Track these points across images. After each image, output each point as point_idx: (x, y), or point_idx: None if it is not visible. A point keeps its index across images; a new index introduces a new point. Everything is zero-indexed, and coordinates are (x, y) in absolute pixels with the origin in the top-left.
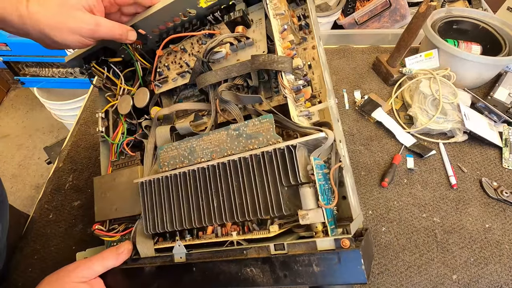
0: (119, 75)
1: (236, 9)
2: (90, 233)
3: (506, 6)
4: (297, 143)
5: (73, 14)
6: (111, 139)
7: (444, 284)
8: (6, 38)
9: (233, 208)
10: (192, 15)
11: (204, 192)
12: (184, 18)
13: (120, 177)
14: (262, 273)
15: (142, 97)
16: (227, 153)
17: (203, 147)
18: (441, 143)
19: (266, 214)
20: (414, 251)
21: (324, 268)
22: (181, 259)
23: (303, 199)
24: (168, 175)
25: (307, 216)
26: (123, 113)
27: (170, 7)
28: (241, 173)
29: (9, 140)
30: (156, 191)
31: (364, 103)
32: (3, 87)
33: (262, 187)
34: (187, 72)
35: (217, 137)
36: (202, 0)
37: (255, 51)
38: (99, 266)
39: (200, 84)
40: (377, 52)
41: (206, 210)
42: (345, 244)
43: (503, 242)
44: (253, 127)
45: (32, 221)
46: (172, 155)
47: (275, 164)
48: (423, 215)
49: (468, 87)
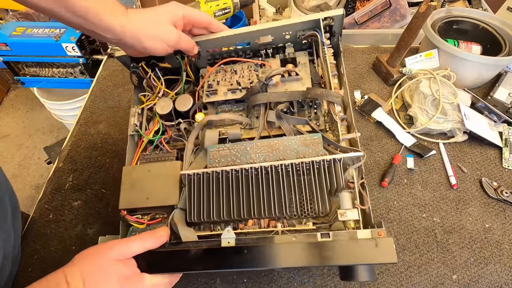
0: (159, 78)
1: (287, 51)
2: (90, 233)
3: (506, 6)
4: (342, 157)
5: (165, 28)
6: (144, 134)
7: (444, 284)
8: (6, 38)
9: (282, 204)
10: (247, 47)
11: (256, 189)
12: (239, 47)
13: (157, 169)
14: (311, 255)
15: (185, 102)
16: (279, 158)
17: (256, 151)
18: (441, 143)
19: (312, 212)
20: (414, 251)
21: (364, 252)
22: (229, 243)
23: (342, 201)
24: (219, 170)
25: (345, 214)
26: (161, 113)
27: (233, 38)
28: (292, 176)
29: (9, 140)
30: (205, 183)
31: (364, 103)
32: (3, 87)
33: (310, 189)
34: (237, 90)
35: (271, 144)
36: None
37: (300, 85)
38: (138, 246)
39: (252, 102)
40: (377, 52)
41: (256, 205)
42: (381, 234)
43: (503, 242)
44: (304, 141)
45: (32, 221)
46: (223, 154)
47: (323, 171)
48: (423, 215)
49: (468, 87)
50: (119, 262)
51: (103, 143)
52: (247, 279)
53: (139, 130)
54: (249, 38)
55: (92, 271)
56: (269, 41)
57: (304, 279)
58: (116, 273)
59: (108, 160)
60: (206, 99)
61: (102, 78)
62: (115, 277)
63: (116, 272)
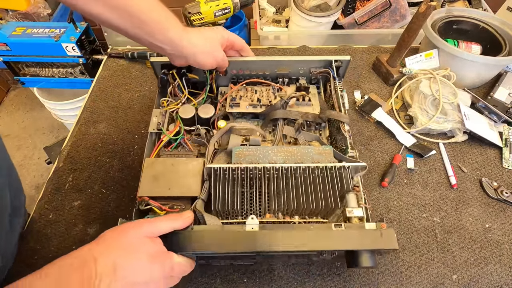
0: (185, 88)
1: (300, 81)
2: (90, 233)
3: (506, 6)
4: (350, 165)
5: (216, 47)
6: (166, 133)
7: (444, 284)
8: (6, 38)
9: (300, 200)
10: (267, 74)
11: (276, 185)
12: (260, 73)
13: (181, 163)
14: (328, 239)
15: (207, 110)
16: (297, 161)
17: (276, 154)
18: (441, 143)
19: (326, 207)
20: (414, 251)
21: (372, 239)
22: (253, 229)
23: (349, 200)
24: (243, 167)
25: (352, 211)
26: (184, 117)
27: (259, 63)
28: (309, 176)
29: (9, 140)
30: (230, 177)
31: (364, 103)
32: (3, 87)
33: (324, 188)
34: (258, 105)
35: (289, 150)
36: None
37: (311, 109)
38: (166, 225)
39: (272, 115)
40: (377, 52)
41: (277, 199)
42: (384, 226)
43: (503, 242)
44: (318, 151)
45: (32, 221)
46: (247, 154)
47: (334, 175)
48: (423, 215)
49: (468, 87)
50: (148, 240)
51: (103, 143)
52: (247, 279)
53: (162, 128)
54: (271, 66)
55: (121, 248)
56: (286, 72)
57: (304, 279)
58: (145, 250)
59: (108, 160)
60: (229, 109)
61: (102, 78)
62: (145, 254)
63: (145, 249)
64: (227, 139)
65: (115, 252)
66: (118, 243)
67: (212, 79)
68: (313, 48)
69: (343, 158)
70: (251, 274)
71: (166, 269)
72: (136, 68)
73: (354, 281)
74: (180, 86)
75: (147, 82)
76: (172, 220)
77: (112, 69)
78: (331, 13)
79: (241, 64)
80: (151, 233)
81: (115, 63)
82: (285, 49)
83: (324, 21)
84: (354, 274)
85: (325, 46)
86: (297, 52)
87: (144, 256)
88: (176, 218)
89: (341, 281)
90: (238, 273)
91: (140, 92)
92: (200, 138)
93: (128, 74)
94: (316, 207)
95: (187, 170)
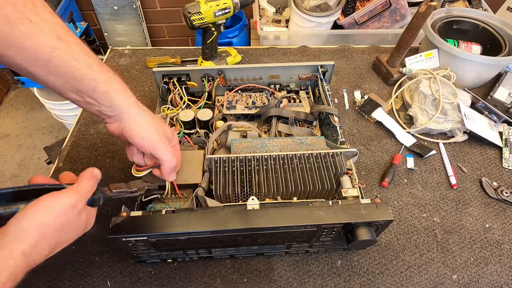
0: (184, 94)
1: (291, 86)
2: (90, 233)
3: (506, 6)
4: (342, 151)
5: (160, 134)
6: None
7: (444, 284)
8: None
9: (298, 183)
10: (260, 80)
11: (274, 171)
12: (253, 80)
13: (183, 155)
14: (327, 214)
15: (206, 114)
16: (292, 150)
17: (273, 144)
18: (441, 143)
19: (323, 188)
20: (414, 251)
21: (368, 212)
22: (254, 209)
23: (343, 182)
24: (242, 157)
25: (348, 191)
26: (184, 120)
27: (255, 70)
28: (305, 163)
29: (9, 140)
30: (230, 165)
31: (364, 103)
32: (3, 87)
33: (319, 172)
34: (252, 107)
35: (285, 141)
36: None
37: (302, 109)
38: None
39: (267, 113)
40: (377, 52)
41: (276, 183)
42: (378, 201)
43: (503, 242)
44: (311, 140)
45: None
46: (245, 146)
47: (328, 161)
48: (423, 215)
49: (468, 87)
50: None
51: (103, 143)
52: (247, 279)
53: None
54: (263, 72)
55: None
56: (277, 79)
57: (304, 279)
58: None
59: (108, 160)
60: (226, 111)
61: None
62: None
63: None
64: (225, 137)
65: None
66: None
67: (210, 86)
68: (313, 48)
69: (335, 146)
70: (251, 274)
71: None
72: (136, 68)
73: (354, 281)
74: (181, 94)
75: (147, 82)
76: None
77: (112, 69)
78: (331, 13)
79: (237, 71)
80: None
81: (115, 63)
82: (285, 49)
83: (324, 21)
84: (354, 274)
85: (325, 46)
86: (297, 52)
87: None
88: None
89: (341, 281)
90: (238, 273)
91: (140, 92)
92: (200, 138)
93: (128, 74)
94: (313, 189)
95: (189, 160)
